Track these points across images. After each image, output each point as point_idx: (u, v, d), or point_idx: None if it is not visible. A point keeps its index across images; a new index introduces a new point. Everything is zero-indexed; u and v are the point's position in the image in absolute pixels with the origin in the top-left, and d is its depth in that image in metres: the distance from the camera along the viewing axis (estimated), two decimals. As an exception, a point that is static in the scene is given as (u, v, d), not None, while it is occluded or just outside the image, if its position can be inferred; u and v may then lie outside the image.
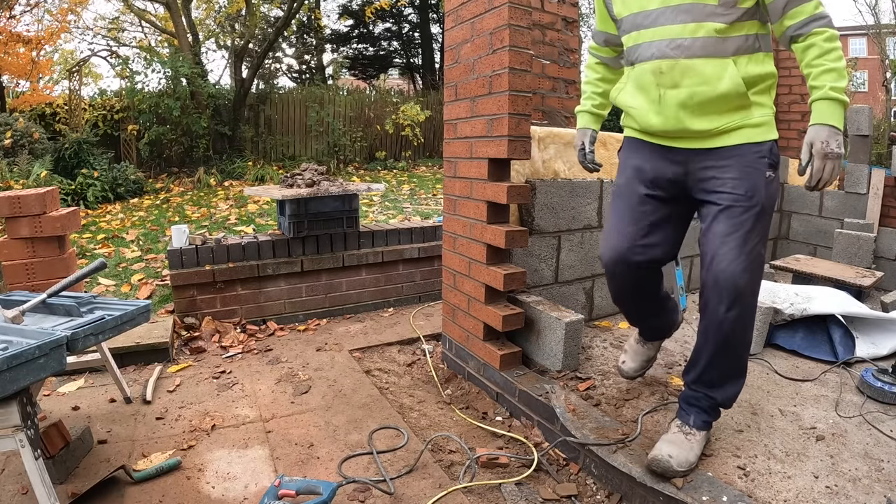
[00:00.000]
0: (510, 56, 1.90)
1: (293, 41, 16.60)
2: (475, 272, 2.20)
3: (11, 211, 2.50)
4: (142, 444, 1.82)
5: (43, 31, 10.53)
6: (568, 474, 1.69)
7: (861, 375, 1.92)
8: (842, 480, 1.42)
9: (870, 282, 2.74)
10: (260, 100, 10.77)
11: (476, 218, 2.16)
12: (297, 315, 3.10)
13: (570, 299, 2.54)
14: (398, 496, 1.55)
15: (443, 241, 2.45)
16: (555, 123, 2.93)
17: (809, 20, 1.30)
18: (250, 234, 3.56)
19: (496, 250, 2.11)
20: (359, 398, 2.16)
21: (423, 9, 16.65)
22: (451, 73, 2.27)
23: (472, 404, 2.16)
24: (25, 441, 1.28)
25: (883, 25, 14.57)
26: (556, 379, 1.99)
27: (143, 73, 9.01)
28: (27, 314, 1.71)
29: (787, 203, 3.91)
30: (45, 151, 7.59)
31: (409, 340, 2.81)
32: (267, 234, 3.16)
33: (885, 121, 12.00)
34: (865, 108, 3.63)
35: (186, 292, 2.83)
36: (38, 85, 10.35)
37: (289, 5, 10.46)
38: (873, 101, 14.80)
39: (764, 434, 1.65)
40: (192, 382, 2.30)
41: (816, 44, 1.29)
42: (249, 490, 1.58)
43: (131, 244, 4.74)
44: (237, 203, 6.75)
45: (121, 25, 12.98)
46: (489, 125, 2.03)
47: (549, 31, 2.89)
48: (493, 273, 2.08)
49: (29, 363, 1.25)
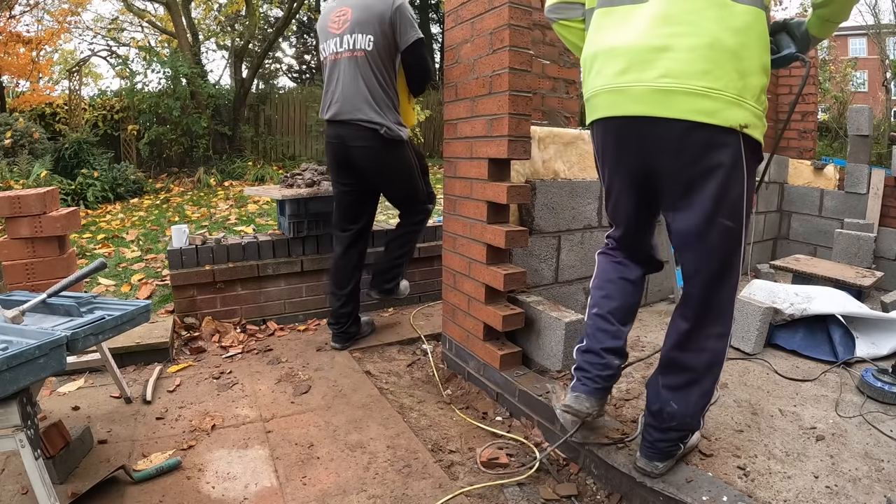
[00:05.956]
0: (510, 56, 1.90)
1: (293, 41, 16.60)
2: (475, 272, 2.20)
3: (11, 211, 2.50)
4: (142, 444, 1.82)
5: (43, 31, 10.54)
6: (568, 474, 1.69)
7: (861, 375, 1.92)
8: (842, 480, 1.42)
9: (870, 282, 2.74)
10: (260, 100, 10.77)
11: (476, 218, 2.16)
12: (297, 315, 3.10)
13: (571, 299, 2.54)
14: (399, 497, 1.55)
15: (443, 241, 2.45)
16: (555, 123, 2.93)
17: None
18: (250, 234, 3.56)
19: (496, 250, 2.11)
20: (359, 398, 2.16)
21: (423, 9, 16.65)
22: (451, 73, 2.27)
23: (472, 404, 2.16)
24: (25, 441, 1.28)
25: (883, 25, 14.57)
26: (556, 379, 1.99)
27: (142, 73, 9.02)
28: (27, 314, 1.71)
29: (787, 203, 3.91)
30: (45, 151, 7.59)
31: (409, 340, 2.81)
32: (267, 234, 3.16)
33: (885, 121, 11.99)
34: (865, 108, 3.63)
35: (186, 292, 2.83)
36: (38, 85, 10.36)
37: (289, 5, 10.46)
38: (873, 101, 14.79)
39: (764, 434, 1.65)
40: (192, 382, 2.30)
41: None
42: (249, 490, 1.58)
43: (131, 244, 4.74)
44: (237, 203, 6.75)
45: (120, 25, 12.98)
46: (489, 125, 2.03)
47: (549, 31, 2.88)
48: (493, 273, 2.08)
49: (29, 363, 1.25)
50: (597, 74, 1.28)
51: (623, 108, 1.22)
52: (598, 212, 2.56)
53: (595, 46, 1.30)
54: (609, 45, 1.24)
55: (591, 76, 1.31)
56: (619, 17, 1.25)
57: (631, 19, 1.22)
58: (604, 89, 1.26)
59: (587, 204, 2.50)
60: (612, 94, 1.24)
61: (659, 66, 1.15)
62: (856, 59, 17.01)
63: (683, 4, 1.15)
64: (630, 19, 1.22)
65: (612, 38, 1.24)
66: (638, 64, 1.18)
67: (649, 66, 1.16)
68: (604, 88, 1.26)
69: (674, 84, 1.14)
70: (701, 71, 1.13)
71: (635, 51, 1.19)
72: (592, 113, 1.35)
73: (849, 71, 14.27)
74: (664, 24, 1.16)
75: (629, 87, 1.19)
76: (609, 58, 1.24)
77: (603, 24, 1.28)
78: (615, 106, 1.24)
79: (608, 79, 1.24)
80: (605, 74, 1.25)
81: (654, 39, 1.16)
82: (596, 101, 1.30)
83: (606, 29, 1.27)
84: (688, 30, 1.14)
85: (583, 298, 2.60)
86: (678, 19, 1.15)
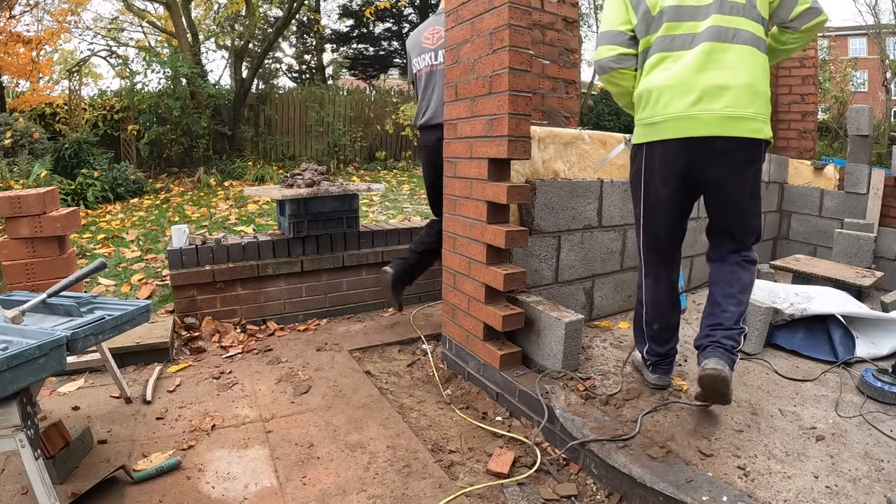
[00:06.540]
0: (510, 56, 1.90)
1: (293, 41, 16.60)
2: (475, 272, 2.20)
3: (11, 211, 2.50)
4: (142, 444, 1.82)
5: (43, 31, 10.53)
6: (568, 474, 1.69)
7: (861, 375, 1.92)
8: (842, 480, 1.42)
9: (870, 282, 2.74)
10: (260, 100, 10.76)
11: (476, 218, 2.16)
12: (297, 315, 3.10)
13: (570, 299, 2.54)
14: (399, 497, 1.55)
15: (443, 241, 2.46)
16: (555, 123, 2.93)
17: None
18: (250, 234, 3.56)
19: (496, 250, 2.11)
20: (359, 398, 2.16)
21: (423, 9, 16.64)
22: (451, 72, 2.27)
23: (472, 404, 2.16)
24: (25, 441, 1.28)
25: (883, 25, 14.57)
26: (556, 379, 1.99)
27: (142, 74, 9.01)
28: (27, 314, 1.71)
29: (787, 203, 3.91)
30: (45, 151, 7.59)
31: (409, 340, 2.81)
32: (267, 234, 3.16)
33: (885, 121, 12.00)
34: (865, 108, 3.63)
35: (186, 292, 2.83)
36: (38, 85, 10.35)
37: (289, 5, 10.45)
38: (873, 101, 14.79)
39: (764, 434, 1.65)
40: (192, 382, 2.30)
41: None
42: (249, 490, 1.58)
43: (131, 244, 4.74)
44: (237, 203, 6.75)
45: (120, 25, 12.97)
46: (489, 125, 2.03)
47: (549, 31, 2.89)
48: (493, 273, 2.08)
49: (29, 363, 1.25)
50: (666, 105, 1.61)
51: (695, 130, 1.59)
52: (597, 212, 2.56)
53: (659, 82, 1.63)
54: (676, 83, 1.60)
55: (658, 105, 1.63)
56: (675, 60, 1.62)
57: (687, 62, 1.59)
58: (675, 116, 1.60)
59: (587, 204, 2.50)
60: (685, 121, 1.59)
61: (723, 100, 1.56)
62: (856, 59, 17.02)
63: (732, 54, 1.57)
64: (686, 62, 1.59)
65: (677, 77, 1.60)
66: (707, 98, 1.57)
67: (716, 100, 1.56)
68: (675, 116, 1.60)
69: (735, 112, 1.57)
70: (749, 102, 1.57)
71: (704, 88, 1.57)
72: (658, 134, 1.66)
73: (849, 71, 14.29)
74: (721, 68, 1.56)
75: (702, 114, 1.57)
76: (679, 93, 1.59)
77: (663, 65, 1.63)
78: (687, 129, 1.60)
79: (681, 109, 1.59)
80: (676, 105, 1.60)
81: (717, 80, 1.56)
82: (666, 125, 1.63)
83: (668, 70, 1.62)
84: (739, 73, 1.57)
85: (583, 298, 2.61)
86: (731, 65, 1.57)
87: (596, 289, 2.65)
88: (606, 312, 2.73)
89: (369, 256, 3.25)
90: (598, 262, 2.62)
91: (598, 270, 2.63)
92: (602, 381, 1.99)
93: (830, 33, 14.69)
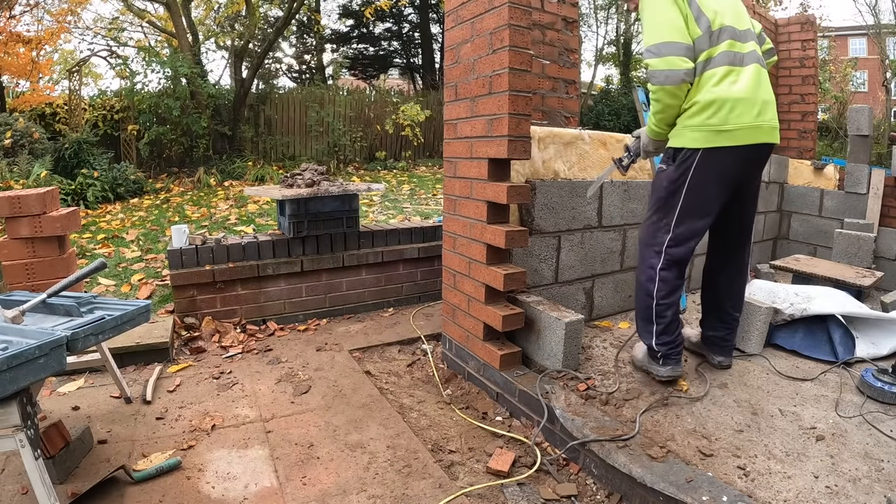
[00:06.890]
0: (510, 56, 1.90)
1: (293, 41, 16.60)
2: (475, 272, 2.20)
3: (11, 211, 2.50)
4: (142, 444, 1.82)
5: (43, 31, 10.53)
6: (568, 474, 1.69)
7: (861, 375, 1.92)
8: (842, 480, 1.42)
9: (870, 282, 2.74)
10: (260, 100, 10.76)
11: (476, 218, 2.16)
12: (297, 315, 3.10)
13: (570, 299, 2.54)
14: (399, 497, 1.55)
15: (443, 241, 2.45)
16: (555, 123, 2.93)
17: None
18: (250, 234, 3.56)
19: (496, 250, 2.11)
20: (359, 398, 2.16)
21: (423, 9, 16.65)
22: (451, 73, 2.27)
23: (472, 404, 2.16)
24: (25, 441, 1.28)
25: (883, 25, 14.56)
26: (556, 379, 1.99)
27: (142, 74, 9.01)
28: (27, 314, 1.71)
29: (787, 203, 3.91)
30: (45, 151, 7.59)
31: (409, 340, 2.81)
32: (267, 234, 3.16)
33: (885, 121, 11.99)
34: (865, 108, 3.63)
35: (186, 292, 2.83)
36: (38, 85, 10.35)
37: (289, 5, 10.45)
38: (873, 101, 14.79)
39: (764, 434, 1.65)
40: (192, 382, 2.30)
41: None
42: (249, 490, 1.58)
43: (131, 244, 4.74)
44: (237, 203, 6.75)
45: (120, 25, 12.97)
46: (489, 125, 2.03)
47: (549, 31, 2.88)
48: (493, 273, 2.08)
49: (29, 363, 1.25)
50: (740, 114, 1.78)
51: (759, 137, 1.81)
52: (597, 212, 2.56)
53: (733, 93, 1.78)
54: (747, 95, 1.79)
55: (732, 114, 1.78)
56: (739, 74, 1.81)
57: (748, 77, 1.81)
58: (747, 126, 1.79)
59: (587, 204, 2.50)
60: (753, 130, 1.80)
61: (770, 111, 1.85)
62: (856, 59, 17.02)
63: (765, 74, 1.87)
64: (748, 77, 1.81)
65: (746, 90, 1.79)
66: (764, 109, 1.82)
67: (767, 111, 1.84)
68: (749, 125, 1.79)
69: (775, 121, 1.86)
70: (775, 113, 1.88)
71: (762, 101, 1.82)
72: (730, 140, 1.79)
73: (849, 71, 14.29)
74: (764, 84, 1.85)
75: (763, 124, 1.81)
76: (749, 104, 1.80)
77: (730, 78, 1.80)
78: (754, 137, 1.80)
79: (751, 119, 1.80)
80: (748, 115, 1.79)
81: (766, 94, 1.84)
82: (740, 132, 1.79)
83: (738, 83, 1.80)
84: (770, 90, 1.88)
85: (583, 298, 2.60)
86: (767, 82, 1.87)
87: (596, 289, 2.65)
88: (606, 312, 2.73)
89: (369, 256, 3.25)
90: (598, 262, 2.62)
91: (598, 270, 2.63)
92: (602, 381, 1.99)
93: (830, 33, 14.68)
